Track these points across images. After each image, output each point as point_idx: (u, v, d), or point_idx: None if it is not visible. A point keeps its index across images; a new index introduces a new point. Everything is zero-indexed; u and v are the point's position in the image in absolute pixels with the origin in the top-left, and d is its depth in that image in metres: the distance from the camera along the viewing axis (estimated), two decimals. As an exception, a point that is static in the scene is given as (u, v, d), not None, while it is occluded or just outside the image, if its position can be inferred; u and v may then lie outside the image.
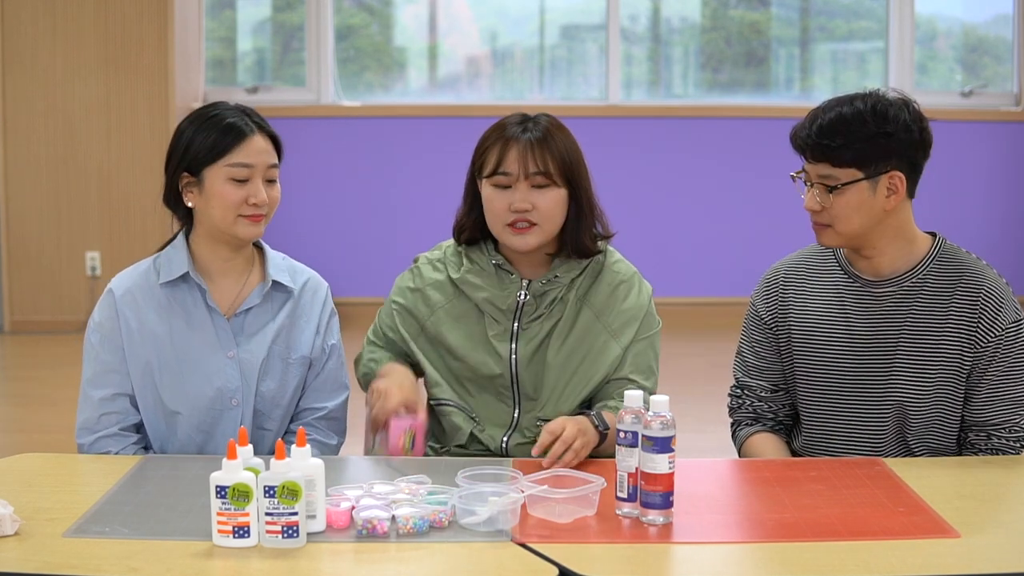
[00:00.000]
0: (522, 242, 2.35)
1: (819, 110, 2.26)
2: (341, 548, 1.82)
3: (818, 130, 2.23)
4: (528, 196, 2.33)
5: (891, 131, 2.21)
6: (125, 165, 6.25)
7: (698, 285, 6.64)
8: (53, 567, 1.73)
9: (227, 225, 2.29)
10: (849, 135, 2.21)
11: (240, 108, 2.34)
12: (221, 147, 2.27)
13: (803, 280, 2.42)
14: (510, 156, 2.33)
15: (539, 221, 2.33)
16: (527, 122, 2.38)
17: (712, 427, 2.97)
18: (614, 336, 2.39)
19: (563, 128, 2.40)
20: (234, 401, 2.33)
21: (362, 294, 6.32)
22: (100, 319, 2.34)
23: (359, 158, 6.63)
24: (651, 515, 1.92)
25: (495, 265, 2.41)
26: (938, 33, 7.16)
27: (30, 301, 6.33)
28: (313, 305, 2.42)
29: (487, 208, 2.37)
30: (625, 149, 6.60)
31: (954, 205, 6.47)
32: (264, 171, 2.31)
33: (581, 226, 2.39)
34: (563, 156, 2.35)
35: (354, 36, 7.01)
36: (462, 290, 2.42)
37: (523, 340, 2.39)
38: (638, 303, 2.42)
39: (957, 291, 2.29)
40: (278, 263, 2.41)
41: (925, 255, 2.32)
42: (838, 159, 2.22)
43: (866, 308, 2.33)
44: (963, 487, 2.12)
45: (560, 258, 2.41)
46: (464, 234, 2.45)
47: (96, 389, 2.33)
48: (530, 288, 2.39)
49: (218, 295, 2.35)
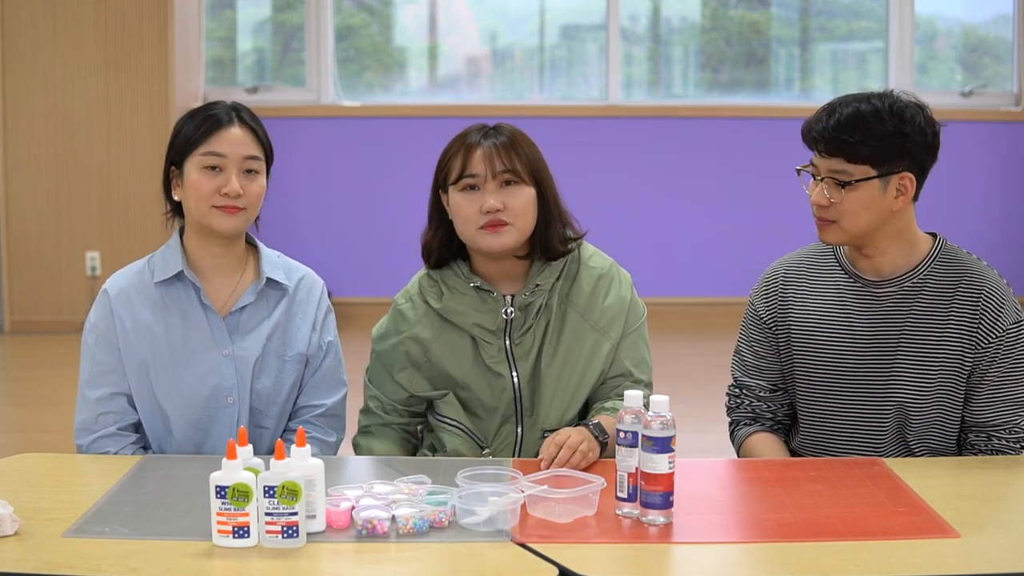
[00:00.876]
0: (497, 242, 2.30)
1: (836, 104, 2.26)
2: (341, 548, 1.82)
3: (836, 124, 2.22)
4: (498, 195, 2.29)
5: (907, 132, 2.22)
6: (125, 165, 6.25)
7: (698, 285, 6.64)
8: (53, 567, 1.73)
9: (202, 216, 2.30)
10: (867, 132, 2.21)
11: (233, 104, 2.35)
12: (196, 136, 2.29)
13: (803, 279, 2.41)
14: (474, 158, 2.31)
15: (511, 220, 2.29)
16: (488, 129, 2.36)
17: (712, 427, 2.97)
18: (603, 333, 2.38)
19: (526, 135, 2.38)
20: (230, 399, 2.33)
21: (362, 294, 6.33)
22: (95, 320, 2.35)
23: (359, 158, 6.63)
24: (651, 515, 1.92)
25: (474, 288, 2.36)
26: (938, 33, 7.16)
27: (30, 301, 6.34)
28: (308, 302, 2.42)
29: (457, 216, 2.33)
30: (625, 149, 6.60)
31: (954, 205, 6.47)
32: (240, 162, 2.29)
33: (550, 228, 2.35)
34: (529, 157, 2.33)
35: (354, 36, 7.01)
36: (448, 319, 2.38)
37: (519, 358, 2.35)
38: (620, 295, 2.40)
39: (958, 292, 2.29)
40: (273, 261, 2.41)
41: (926, 256, 2.32)
42: (854, 155, 2.22)
43: (867, 307, 2.33)
44: (963, 487, 2.12)
45: (535, 266, 2.37)
46: (432, 256, 2.40)
47: (93, 389, 2.34)
48: (514, 302, 2.35)
49: (212, 293, 2.35)
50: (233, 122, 2.31)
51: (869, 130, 2.21)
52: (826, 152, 2.25)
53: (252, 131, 2.33)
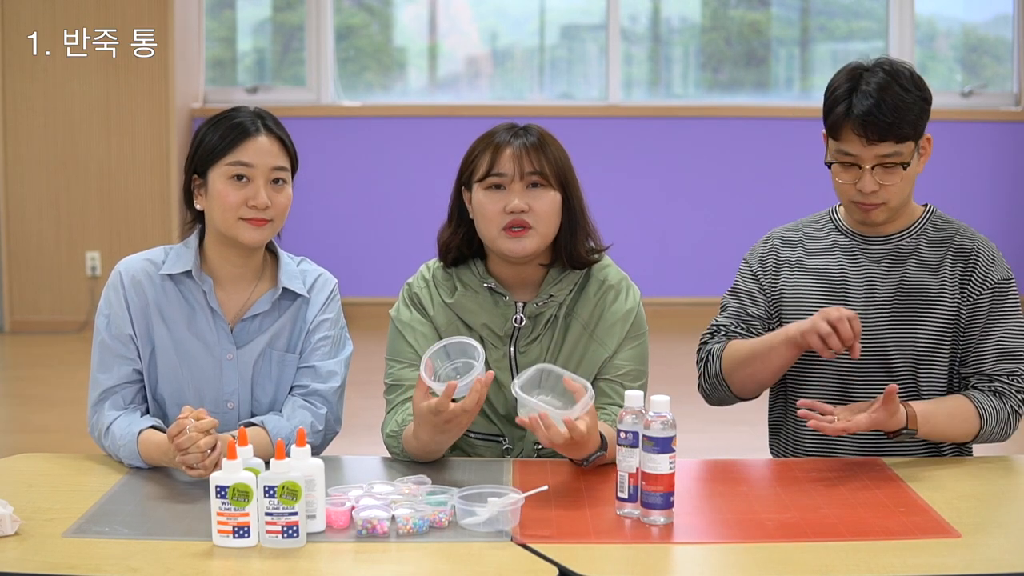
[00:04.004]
0: (519, 246, 2.26)
1: (862, 87, 2.26)
2: (341, 548, 1.82)
3: (879, 108, 2.24)
4: (524, 196, 2.25)
5: (927, 96, 2.30)
6: (125, 165, 6.25)
7: (698, 285, 6.64)
8: (53, 567, 1.73)
9: (228, 228, 2.24)
10: (907, 110, 2.26)
11: (257, 111, 2.29)
12: (223, 146, 2.23)
13: (799, 239, 2.47)
14: (503, 157, 2.27)
15: (535, 224, 2.25)
16: (517, 129, 2.32)
17: (712, 427, 2.96)
18: (601, 344, 2.32)
19: (554, 138, 2.34)
20: (230, 404, 2.30)
21: (361, 294, 6.33)
22: (105, 301, 2.30)
23: (359, 158, 6.63)
24: (652, 515, 1.92)
25: (487, 288, 2.33)
26: (938, 33, 7.16)
27: (30, 301, 6.33)
28: (314, 304, 2.37)
29: (480, 214, 2.29)
30: (625, 149, 6.60)
31: (954, 205, 6.41)
32: (267, 173, 2.24)
33: (576, 235, 2.31)
34: (557, 160, 2.29)
35: (354, 36, 7.01)
36: (458, 316, 2.34)
37: (523, 366, 2.29)
38: (624, 308, 2.34)
39: (951, 248, 2.37)
40: (291, 270, 2.35)
41: (920, 217, 2.41)
42: (901, 135, 2.26)
43: (862, 263, 2.39)
44: (963, 487, 2.12)
45: (551, 275, 2.33)
46: (451, 254, 2.36)
47: (103, 372, 2.29)
48: (526, 310, 2.32)
49: (225, 299, 2.31)
50: (260, 131, 2.25)
51: (908, 108, 2.26)
52: (877, 138, 2.26)
53: (279, 140, 2.28)
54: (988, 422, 2.27)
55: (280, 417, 2.26)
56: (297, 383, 2.32)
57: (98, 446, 2.27)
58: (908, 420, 2.21)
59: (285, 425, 2.23)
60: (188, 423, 2.02)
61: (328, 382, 2.31)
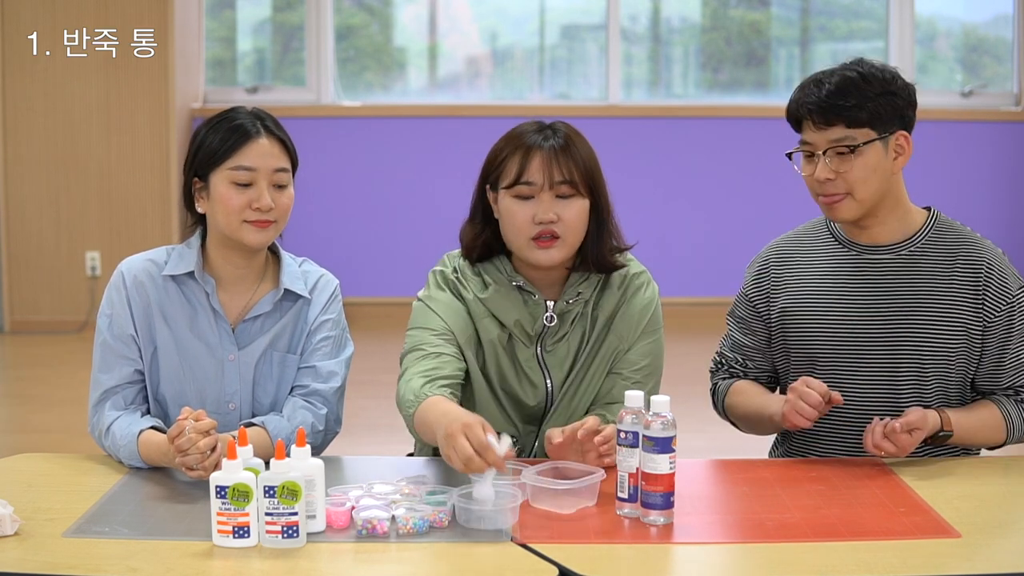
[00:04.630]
0: (547, 257, 2.24)
1: (819, 78, 2.28)
2: (341, 548, 1.82)
3: (829, 92, 2.24)
4: (553, 206, 2.23)
5: (894, 90, 2.27)
6: (125, 165, 6.25)
7: (698, 285, 6.64)
8: (53, 567, 1.73)
9: (232, 231, 2.24)
10: (861, 94, 2.24)
11: (255, 112, 2.29)
12: (224, 149, 2.23)
13: (796, 255, 2.43)
14: (533, 164, 2.23)
15: (563, 234, 2.23)
16: (546, 129, 2.28)
17: (712, 427, 2.96)
18: (618, 336, 2.33)
19: (582, 135, 2.32)
20: (231, 405, 2.30)
21: (362, 294, 6.33)
22: (107, 301, 2.30)
23: (359, 158, 6.63)
24: (652, 515, 1.92)
25: (517, 287, 2.31)
26: (938, 33, 7.16)
27: (30, 301, 6.33)
28: (315, 305, 2.37)
29: (507, 222, 2.26)
30: (625, 149, 6.60)
31: (954, 205, 6.45)
32: (270, 175, 2.24)
33: (602, 240, 2.30)
34: (585, 164, 2.27)
35: (354, 36, 7.01)
36: (491, 311, 2.31)
37: (553, 366, 2.30)
38: (644, 300, 2.35)
39: (958, 261, 2.32)
40: (293, 271, 2.35)
41: (922, 226, 2.36)
42: (854, 119, 2.24)
43: (863, 275, 2.35)
44: (963, 487, 2.12)
45: (576, 274, 2.32)
46: (476, 253, 2.33)
47: (104, 373, 2.29)
48: (555, 308, 2.30)
49: (227, 300, 2.31)
50: (260, 133, 2.24)
51: (862, 92, 2.24)
52: (824, 122, 2.26)
53: (280, 141, 2.28)
54: (1016, 432, 2.31)
55: (280, 417, 2.26)
56: (298, 383, 2.32)
57: (98, 446, 2.27)
58: (943, 423, 2.23)
59: (285, 425, 2.23)
60: (188, 424, 2.02)
61: (329, 382, 2.31)
